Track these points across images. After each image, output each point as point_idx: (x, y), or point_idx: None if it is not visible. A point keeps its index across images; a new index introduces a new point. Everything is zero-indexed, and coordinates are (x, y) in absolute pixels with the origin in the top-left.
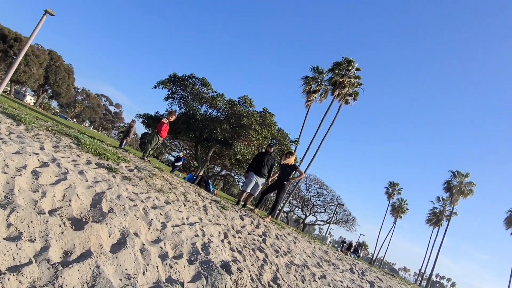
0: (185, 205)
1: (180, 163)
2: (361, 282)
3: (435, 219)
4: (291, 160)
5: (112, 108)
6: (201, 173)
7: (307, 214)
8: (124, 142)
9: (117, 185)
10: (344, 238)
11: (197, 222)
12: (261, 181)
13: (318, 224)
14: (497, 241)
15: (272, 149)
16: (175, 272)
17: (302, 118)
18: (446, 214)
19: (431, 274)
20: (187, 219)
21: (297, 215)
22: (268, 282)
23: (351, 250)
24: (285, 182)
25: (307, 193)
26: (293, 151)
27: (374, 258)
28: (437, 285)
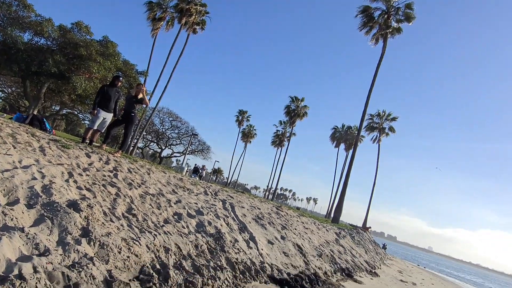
0: (15, 148)
1: None
2: (215, 201)
3: (278, 140)
4: (140, 92)
5: None
6: (34, 113)
7: (163, 147)
8: None
9: None
10: (196, 164)
11: (34, 165)
12: (109, 116)
13: (175, 156)
14: (324, 154)
15: (119, 81)
16: (12, 219)
17: (150, 49)
18: (287, 136)
19: (276, 188)
20: (20, 162)
21: (153, 149)
22: (123, 214)
23: (194, 172)
24: (133, 114)
25: (161, 127)
26: (141, 83)
27: (229, 182)
28: (281, 196)
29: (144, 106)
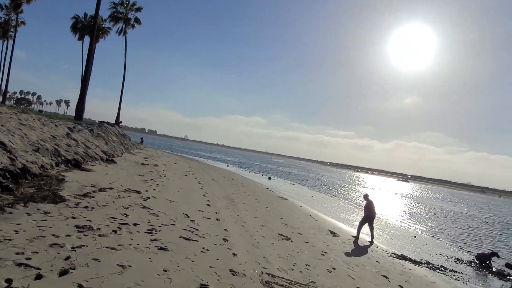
0: None
1: None
2: None
3: (2, 31)
4: None
5: None
6: None
7: None
8: None
9: None
10: None
11: None
12: None
13: None
14: (72, 48)
15: None
16: None
17: None
18: (12, 24)
19: (6, 91)
20: None
21: None
22: None
23: None
24: None
25: None
26: None
27: None
28: (22, 101)
29: None
